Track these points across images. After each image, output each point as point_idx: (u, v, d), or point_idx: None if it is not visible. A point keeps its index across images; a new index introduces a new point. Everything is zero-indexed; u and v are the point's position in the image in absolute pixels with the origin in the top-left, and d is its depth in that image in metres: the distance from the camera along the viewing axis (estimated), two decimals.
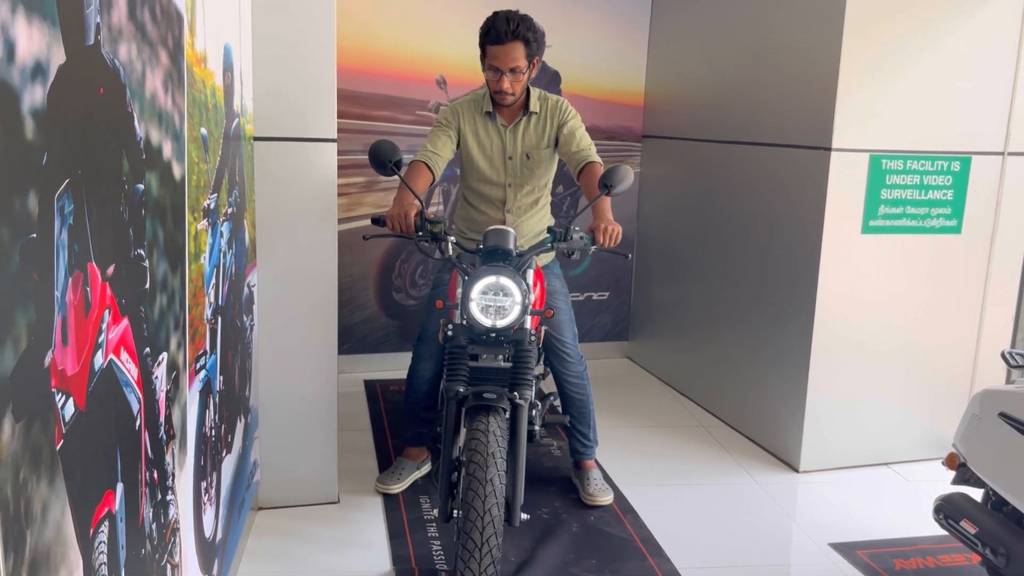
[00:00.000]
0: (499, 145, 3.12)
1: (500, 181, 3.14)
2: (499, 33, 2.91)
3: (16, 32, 0.95)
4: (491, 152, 3.12)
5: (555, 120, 3.11)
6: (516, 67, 2.95)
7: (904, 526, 3.22)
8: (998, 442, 2.41)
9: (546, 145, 3.13)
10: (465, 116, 3.12)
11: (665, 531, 3.10)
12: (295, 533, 2.99)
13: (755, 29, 3.94)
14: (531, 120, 3.12)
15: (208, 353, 2.11)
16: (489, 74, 3.00)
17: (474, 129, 3.12)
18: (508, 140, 3.11)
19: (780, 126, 3.74)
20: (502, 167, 3.12)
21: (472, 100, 3.16)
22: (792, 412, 3.67)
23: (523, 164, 3.12)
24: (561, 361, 3.22)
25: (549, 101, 3.14)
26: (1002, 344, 3.79)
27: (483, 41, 2.98)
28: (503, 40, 2.91)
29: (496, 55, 2.94)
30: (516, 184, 3.14)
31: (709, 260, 4.34)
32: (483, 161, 3.12)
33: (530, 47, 2.96)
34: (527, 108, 3.11)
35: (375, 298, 4.74)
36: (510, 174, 3.13)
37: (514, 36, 2.91)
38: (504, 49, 2.92)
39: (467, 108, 3.14)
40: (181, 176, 1.76)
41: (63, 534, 1.13)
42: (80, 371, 1.19)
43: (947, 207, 3.61)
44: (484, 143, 3.12)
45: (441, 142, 3.07)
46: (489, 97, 3.11)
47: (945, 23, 3.44)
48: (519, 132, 3.12)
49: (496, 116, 3.11)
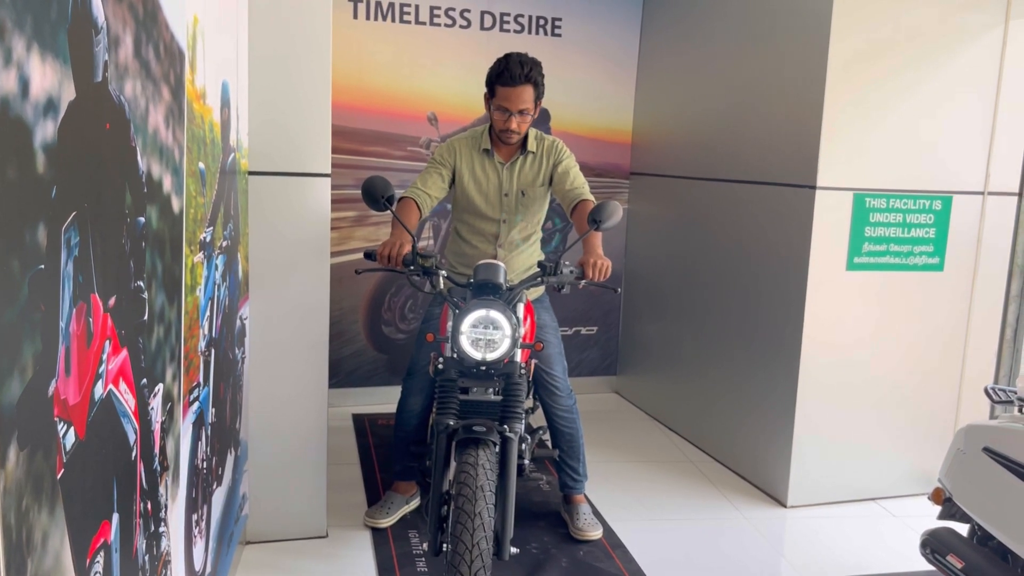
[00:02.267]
0: (496, 182, 3.16)
1: (495, 217, 3.18)
2: (512, 76, 2.97)
3: (30, 69, 0.98)
4: (487, 188, 3.17)
5: (551, 159, 3.18)
6: (524, 108, 3.02)
7: (891, 561, 3.23)
8: (983, 477, 2.43)
9: (541, 183, 3.19)
10: (462, 153, 3.17)
11: (654, 566, 3.10)
12: (283, 568, 2.97)
13: (741, 69, 4.02)
14: (527, 159, 3.17)
15: (201, 385, 2.12)
16: (497, 114, 3.05)
17: (471, 166, 3.17)
18: (505, 177, 3.16)
19: (766, 164, 3.81)
20: (497, 203, 3.17)
21: (470, 137, 3.21)
22: (779, 447, 3.69)
23: (518, 201, 3.18)
24: (551, 395, 3.24)
25: (545, 141, 3.20)
26: (985, 380, 3.84)
27: (494, 81, 3.03)
28: (516, 83, 2.98)
29: (507, 96, 3.00)
30: (510, 220, 3.19)
31: (697, 296, 4.39)
32: (479, 197, 3.16)
33: (538, 90, 3.04)
34: (524, 147, 3.17)
35: (364, 332, 4.75)
36: (505, 210, 3.18)
37: (526, 80, 2.98)
38: (516, 91, 2.99)
39: (464, 145, 3.19)
40: (179, 209, 1.78)
41: (62, 564, 1.14)
42: (81, 401, 1.20)
43: (929, 244, 3.67)
44: (480, 180, 3.16)
45: (432, 181, 3.11)
46: (487, 135, 3.16)
47: (927, 64, 3.53)
48: (515, 170, 3.17)
49: (494, 154, 3.16)
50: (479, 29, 4.65)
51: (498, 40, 4.67)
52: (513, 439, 2.53)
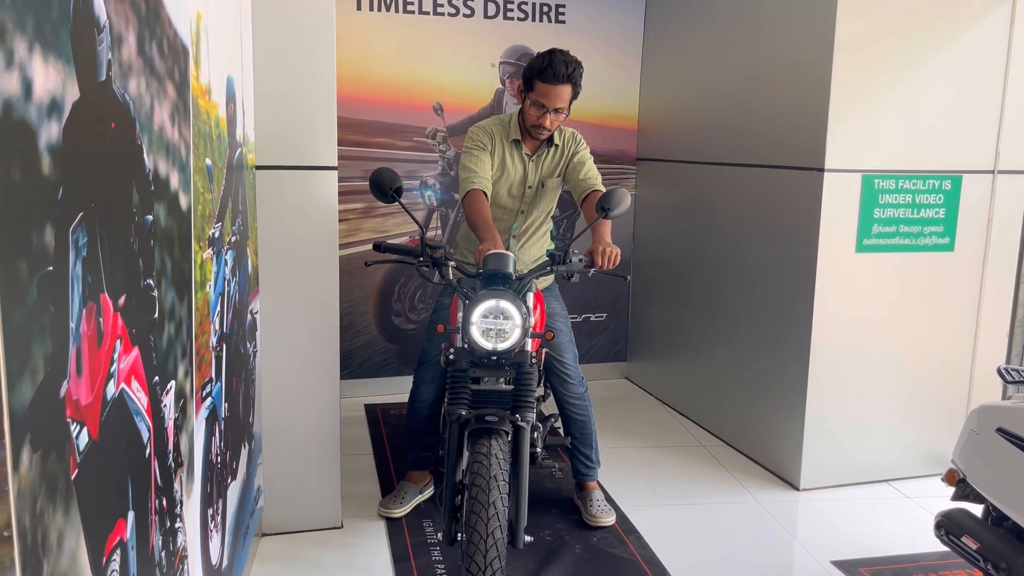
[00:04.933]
0: (522, 174, 3.17)
1: (514, 208, 3.19)
2: (557, 75, 2.93)
3: (33, 70, 0.98)
4: (513, 179, 3.17)
5: (569, 151, 3.19)
6: (560, 107, 3.00)
7: (905, 543, 3.23)
8: (997, 457, 2.42)
9: (558, 175, 3.21)
10: (497, 140, 3.15)
11: (668, 551, 3.10)
12: (299, 559, 2.99)
13: (747, 52, 4.00)
14: (552, 151, 3.18)
15: (214, 380, 2.13)
16: (532, 109, 3.02)
17: (502, 155, 3.16)
18: (531, 169, 3.17)
19: (773, 147, 3.78)
20: (519, 195, 3.18)
21: (500, 124, 3.18)
22: (791, 430, 3.69)
23: (538, 192, 3.18)
24: (563, 383, 3.24)
25: (565, 133, 3.21)
26: (997, 359, 3.82)
27: (535, 76, 2.98)
28: (558, 81, 2.94)
29: (547, 93, 2.97)
30: (527, 211, 3.21)
31: (706, 280, 4.37)
32: (504, 187, 3.17)
33: (576, 90, 3.01)
34: (551, 140, 3.16)
35: (375, 323, 4.76)
36: (525, 201, 3.19)
37: (568, 79, 2.95)
38: (556, 89, 2.96)
39: (498, 132, 3.16)
40: (187, 206, 1.78)
41: (78, 563, 1.15)
42: (93, 401, 1.21)
43: (939, 225, 3.65)
44: (509, 170, 3.17)
45: (486, 165, 3.08)
46: (517, 125, 3.15)
47: (934, 43, 3.50)
48: (540, 162, 3.18)
49: (521, 145, 3.16)
50: (483, 17, 4.63)
51: (502, 28, 4.65)
52: (525, 428, 2.53)
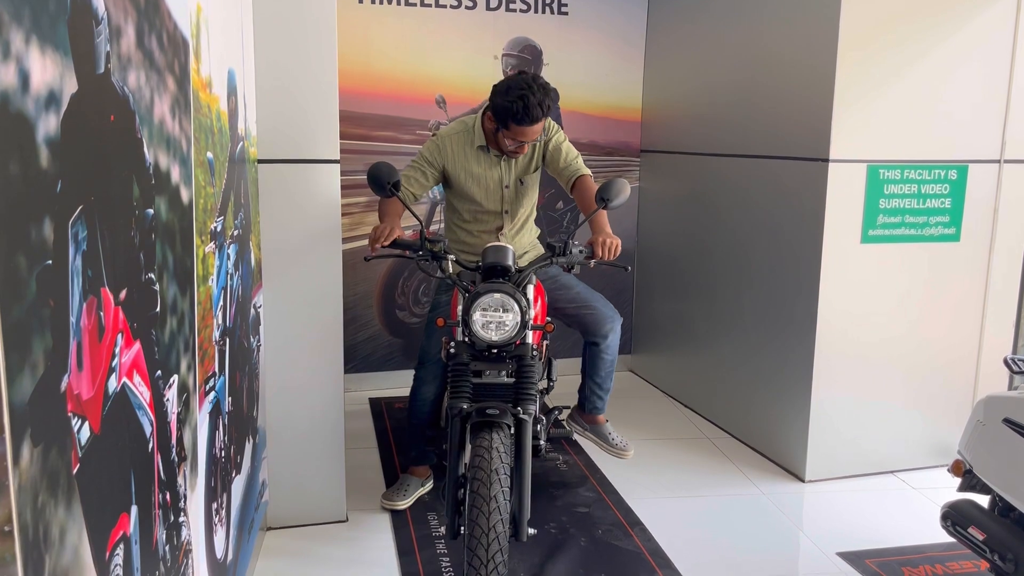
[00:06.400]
0: (496, 176, 3.13)
1: (497, 209, 3.17)
2: (532, 118, 2.86)
3: (30, 63, 0.97)
4: (487, 183, 3.14)
5: (541, 141, 3.14)
6: (537, 138, 2.99)
7: (912, 534, 3.22)
8: (1003, 448, 2.41)
9: (535, 168, 3.18)
10: (454, 152, 3.11)
11: (673, 543, 3.10)
12: (305, 553, 2.99)
13: (750, 42, 3.97)
14: None
15: (217, 375, 2.12)
16: (508, 142, 2.98)
17: (465, 164, 3.11)
18: (504, 170, 3.13)
19: (777, 138, 3.77)
20: (498, 196, 3.15)
21: (462, 132, 3.13)
22: (796, 422, 3.68)
23: (517, 190, 3.16)
24: (600, 325, 3.25)
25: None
26: (1004, 350, 3.80)
27: (509, 119, 2.88)
28: (534, 123, 2.89)
29: (523, 133, 2.92)
30: (512, 210, 3.18)
31: (710, 272, 4.36)
32: (479, 192, 3.14)
33: (547, 114, 2.94)
34: None
35: (378, 317, 4.76)
36: (506, 201, 3.16)
37: (544, 116, 2.90)
38: (532, 128, 2.92)
39: (456, 142, 3.12)
40: (189, 200, 1.78)
41: (80, 558, 1.15)
42: (95, 395, 1.21)
43: (945, 215, 3.63)
44: (479, 176, 3.13)
45: (417, 181, 3.10)
46: (481, 132, 3.10)
47: (939, 33, 3.47)
48: (513, 161, 3.14)
49: (489, 148, 3.12)
50: (485, 9, 4.61)
51: (505, 20, 4.63)
52: (527, 421, 2.53)
